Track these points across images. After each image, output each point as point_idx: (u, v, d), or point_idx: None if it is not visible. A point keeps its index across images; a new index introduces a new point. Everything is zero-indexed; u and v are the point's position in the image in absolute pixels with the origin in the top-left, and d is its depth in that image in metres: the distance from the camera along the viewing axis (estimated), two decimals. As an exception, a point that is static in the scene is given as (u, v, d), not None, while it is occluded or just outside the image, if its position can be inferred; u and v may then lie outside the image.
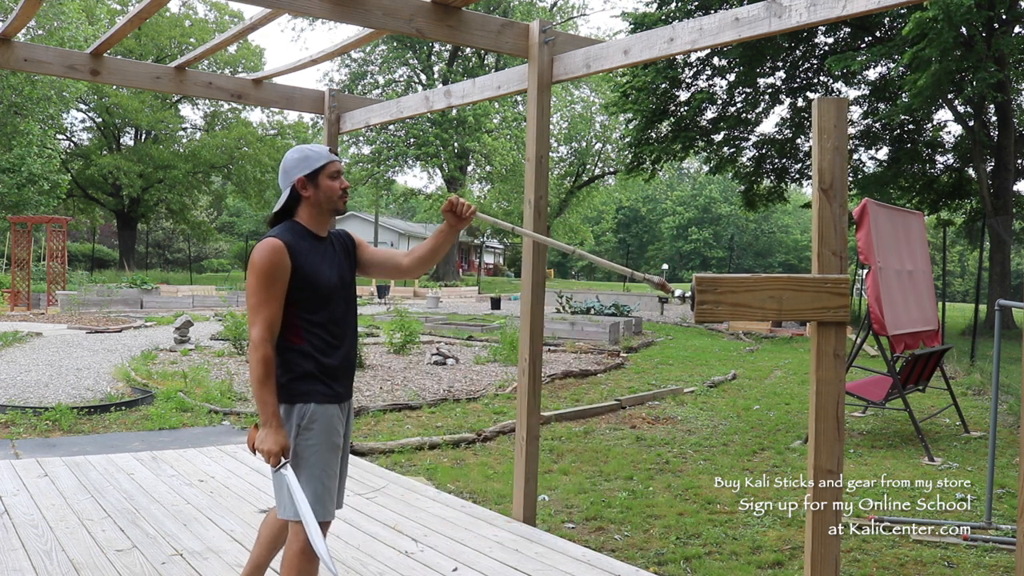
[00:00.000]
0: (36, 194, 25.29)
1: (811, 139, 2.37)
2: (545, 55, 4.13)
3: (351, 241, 2.79)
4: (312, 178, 2.56)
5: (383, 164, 37.46)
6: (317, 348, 2.53)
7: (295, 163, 2.57)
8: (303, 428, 2.50)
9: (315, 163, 2.56)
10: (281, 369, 2.51)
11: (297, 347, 2.51)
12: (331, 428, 2.54)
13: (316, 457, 2.51)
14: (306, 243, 2.55)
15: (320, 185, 2.56)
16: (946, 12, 12.42)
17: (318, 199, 2.57)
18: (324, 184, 2.56)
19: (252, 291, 2.45)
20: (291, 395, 2.51)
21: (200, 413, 7.46)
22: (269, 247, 2.46)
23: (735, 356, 13.63)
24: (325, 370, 2.54)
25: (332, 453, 2.55)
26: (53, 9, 23.58)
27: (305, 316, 2.51)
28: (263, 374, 2.42)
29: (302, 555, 2.48)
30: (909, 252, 7.61)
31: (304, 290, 2.49)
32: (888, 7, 2.93)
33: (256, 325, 2.43)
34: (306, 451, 2.50)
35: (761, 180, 22.73)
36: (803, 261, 59.04)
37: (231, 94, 5.72)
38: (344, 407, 2.63)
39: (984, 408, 8.63)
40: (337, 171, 2.59)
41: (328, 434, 2.53)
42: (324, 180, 2.56)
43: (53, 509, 4.12)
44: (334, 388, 2.56)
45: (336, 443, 2.56)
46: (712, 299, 2.27)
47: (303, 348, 2.51)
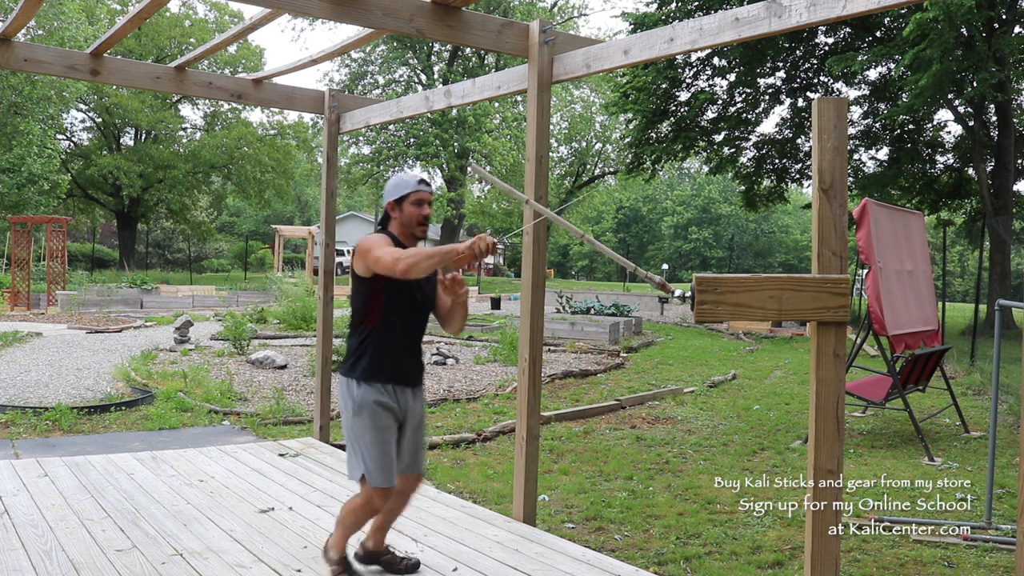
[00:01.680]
0: (36, 194, 25.26)
1: (811, 139, 2.37)
2: (545, 55, 4.13)
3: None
4: (399, 203, 3.04)
5: (383, 164, 37.41)
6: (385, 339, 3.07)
7: (390, 188, 3.08)
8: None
9: (403, 190, 3.04)
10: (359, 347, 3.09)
11: (373, 329, 3.05)
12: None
13: (367, 431, 3.09)
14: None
15: (404, 210, 3.05)
16: (947, 12, 12.42)
17: (402, 220, 3.05)
18: (407, 210, 3.04)
19: (368, 250, 2.89)
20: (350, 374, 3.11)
21: (200, 413, 7.46)
22: (378, 234, 3.01)
23: (735, 356, 13.63)
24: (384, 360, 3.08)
25: (387, 431, 3.11)
26: (53, 9, 23.56)
27: (386, 311, 3.00)
28: (414, 258, 2.75)
29: (355, 511, 3.12)
30: (909, 252, 7.61)
31: (390, 282, 2.93)
32: (888, 7, 2.93)
33: (389, 254, 2.82)
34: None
35: (761, 180, 22.72)
36: (803, 261, 59.03)
37: (231, 94, 5.72)
38: (400, 389, 3.13)
39: (984, 408, 8.63)
40: (420, 199, 3.03)
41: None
42: (408, 206, 3.04)
43: (53, 509, 4.12)
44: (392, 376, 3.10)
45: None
46: (712, 299, 2.27)
47: (377, 331, 3.04)
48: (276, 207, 49.62)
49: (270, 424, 7.12)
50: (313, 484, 4.81)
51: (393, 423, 3.08)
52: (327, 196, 5.99)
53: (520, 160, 34.69)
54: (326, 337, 6.12)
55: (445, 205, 36.59)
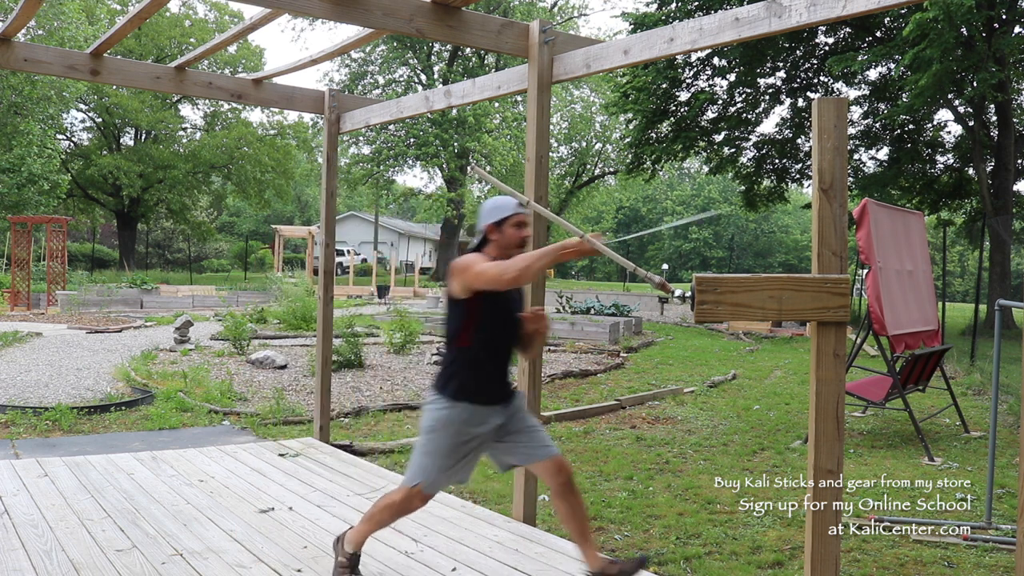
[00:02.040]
0: (36, 194, 25.25)
1: (811, 139, 2.37)
2: (545, 55, 4.13)
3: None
4: (499, 225, 3.07)
5: (383, 164, 37.40)
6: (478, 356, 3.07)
7: (488, 211, 3.11)
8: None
9: (504, 213, 3.07)
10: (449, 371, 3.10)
11: (467, 349, 3.06)
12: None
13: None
14: None
15: (504, 232, 3.07)
16: (946, 12, 12.41)
17: (502, 243, 3.08)
18: (508, 232, 3.07)
19: (467, 267, 2.93)
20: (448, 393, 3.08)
21: (200, 413, 7.46)
22: (473, 253, 3.06)
23: (735, 356, 13.62)
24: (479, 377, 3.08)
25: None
26: (53, 9, 23.55)
27: (479, 332, 3.03)
28: (523, 261, 2.78)
29: (391, 508, 3.17)
30: (909, 252, 7.61)
31: (485, 304, 2.99)
32: (888, 7, 2.93)
33: (487, 270, 2.86)
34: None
35: (761, 180, 22.71)
36: (803, 261, 59.01)
37: (231, 94, 5.72)
38: (490, 409, 3.11)
39: (984, 408, 8.63)
40: (520, 222, 3.07)
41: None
42: (508, 228, 3.07)
43: (53, 509, 4.12)
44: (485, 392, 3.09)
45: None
46: (712, 299, 2.27)
47: (471, 351, 3.05)
48: (276, 207, 49.60)
49: (270, 424, 7.12)
50: (313, 484, 4.81)
51: (476, 443, 3.10)
52: (327, 196, 5.99)
53: (520, 160, 34.68)
54: (326, 337, 6.12)
55: (445, 205, 36.60)
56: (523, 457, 3.20)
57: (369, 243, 46.59)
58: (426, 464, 3.08)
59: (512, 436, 3.18)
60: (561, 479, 3.17)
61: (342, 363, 10.09)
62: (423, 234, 54.70)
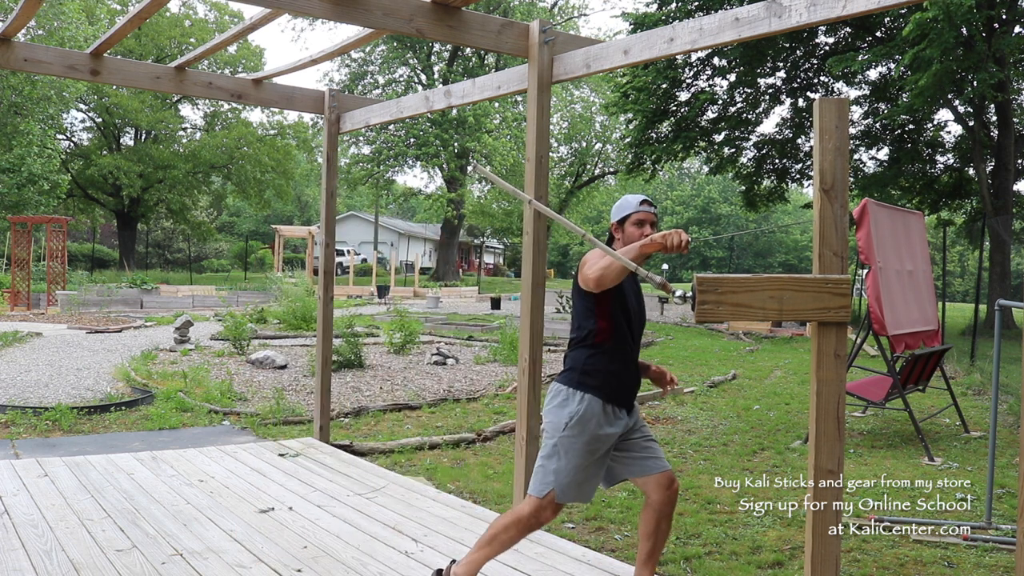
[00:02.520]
0: (36, 194, 25.27)
1: (812, 139, 2.37)
2: (545, 55, 4.13)
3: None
4: (621, 223, 3.07)
5: (383, 164, 37.43)
6: (609, 353, 2.97)
7: (614, 210, 3.11)
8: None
9: (625, 211, 3.06)
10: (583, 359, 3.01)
11: (598, 345, 2.97)
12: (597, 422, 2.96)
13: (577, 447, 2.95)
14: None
15: (626, 230, 3.05)
16: (946, 12, 12.41)
17: (624, 241, 3.04)
18: (629, 230, 3.04)
19: (583, 264, 2.91)
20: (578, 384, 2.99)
21: (200, 413, 7.46)
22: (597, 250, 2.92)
23: (735, 356, 13.62)
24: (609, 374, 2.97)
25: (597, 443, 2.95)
26: (53, 9, 23.56)
27: (609, 328, 2.95)
28: (602, 262, 2.76)
29: (519, 523, 2.99)
30: (909, 252, 7.61)
31: (614, 302, 2.95)
32: (888, 7, 2.92)
33: (587, 273, 2.83)
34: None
35: (762, 180, 22.70)
36: (803, 261, 59.02)
37: (231, 94, 5.72)
38: (619, 411, 2.99)
39: (984, 408, 8.63)
40: (641, 220, 3.03)
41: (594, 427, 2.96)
42: (629, 227, 3.04)
43: (53, 509, 4.12)
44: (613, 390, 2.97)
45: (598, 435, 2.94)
46: (713, 299, 2.27)
47: (603, 346, 2.96)
48: (276, 207, 49.62)
49: (270, 424, 7.12)
50: (313, 484, 4.81)
51: (607, 446, 2.98)
52: (327, 196, 5.99)
53: (520, 160, 34.68)
54: (326, 337, 6.12)
55: (445, 205, 36.60)
56: (639, 469, 3.05)
57: (369, 243, 46.59)
58: (560, 468, 2.90)
59: (631, 444, 3.05)
60: (669, 494, 3.04)
61: (342, 363, 10.09)
62: (423, 234, 54.69)
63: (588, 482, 2.97)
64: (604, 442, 2.94)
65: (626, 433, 3.03)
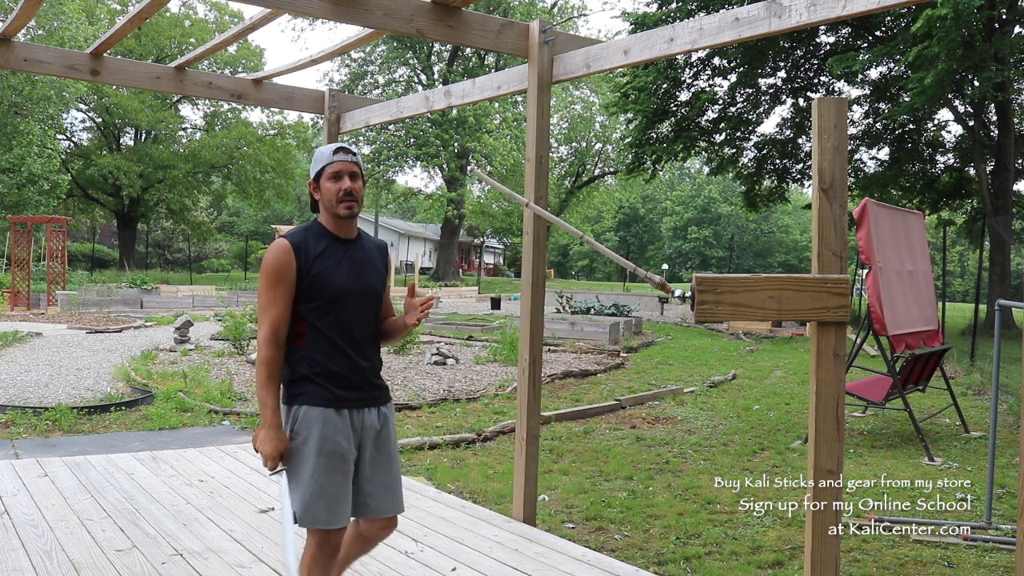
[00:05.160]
0: (36, 194, 25.28)
1: (811, 139, 2.37)
2: (545, 55, 4.13)
3: (387, 258, 2.70)
4: (316, 180, 2.53)
5: (383, 164, 37.43)
6: (320, 351, 2.48)
7: (312, 165, 2.56)
8: (293, 431, 2.48)
9: (318, 165, 2.52)
10: (286, 370, 2.50)
11: (299, 349, 2.49)
12: (325, 433, 2.46)
13: (306, 462, 2.46)
14: (322, 244, 2.51)
15: (322, 186, 2.52)
16: (956, 11, 12.39)
17: (323, 202, 2.53)
18: (324, 186, 2.51)
19: (260, 291, 2.46)
20: (288, 396, 2.51)
21: (200, 413, 7.46)
22: (276, 247, 2.46)
23: (735, 356, 13.62)
24: (325, 374, 2.48)
25: (329, 459, 2.46)
26: (53, 9, 23.56)
27: (311, 319, 2.47)
28: (264, 376, 2.43)
29: (310, 561, 2.50)
30: (909, 252, 7.61)
31: (312, 292, 2.45)
32: (888, 7, 2.92)
33: (263, 326, 2.45)
34: (295, 454, 2.48)
35: (762, 180, 22.71)
36: (803, 261, 58.98)
37: (231, 94, 5.71)
38: (355, 414, 2.53)
39: (984, 408, 8.63)
40: (338, 172, 2.49)
41: (321, 439, 2.45)
42: (324, 182, 2.51)
43: (53, 509, 4.12)
44: (334, 392, 2.48)
45: (335, 449, 2.47)
46: (712, 299, 2.27)
47: (304, 351, 2.48)
48: (276, 207, 49.61)
49: (270, 424, 7.11)
50: (313, 484, 4.81)
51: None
52: (327, 196, 5.98)
53: (520, 160, 34.68)
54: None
55: (445, 205, 36.59)
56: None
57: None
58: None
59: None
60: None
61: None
62: (423, 234, 54.71)
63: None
64: (338, 431, 2.56)
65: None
